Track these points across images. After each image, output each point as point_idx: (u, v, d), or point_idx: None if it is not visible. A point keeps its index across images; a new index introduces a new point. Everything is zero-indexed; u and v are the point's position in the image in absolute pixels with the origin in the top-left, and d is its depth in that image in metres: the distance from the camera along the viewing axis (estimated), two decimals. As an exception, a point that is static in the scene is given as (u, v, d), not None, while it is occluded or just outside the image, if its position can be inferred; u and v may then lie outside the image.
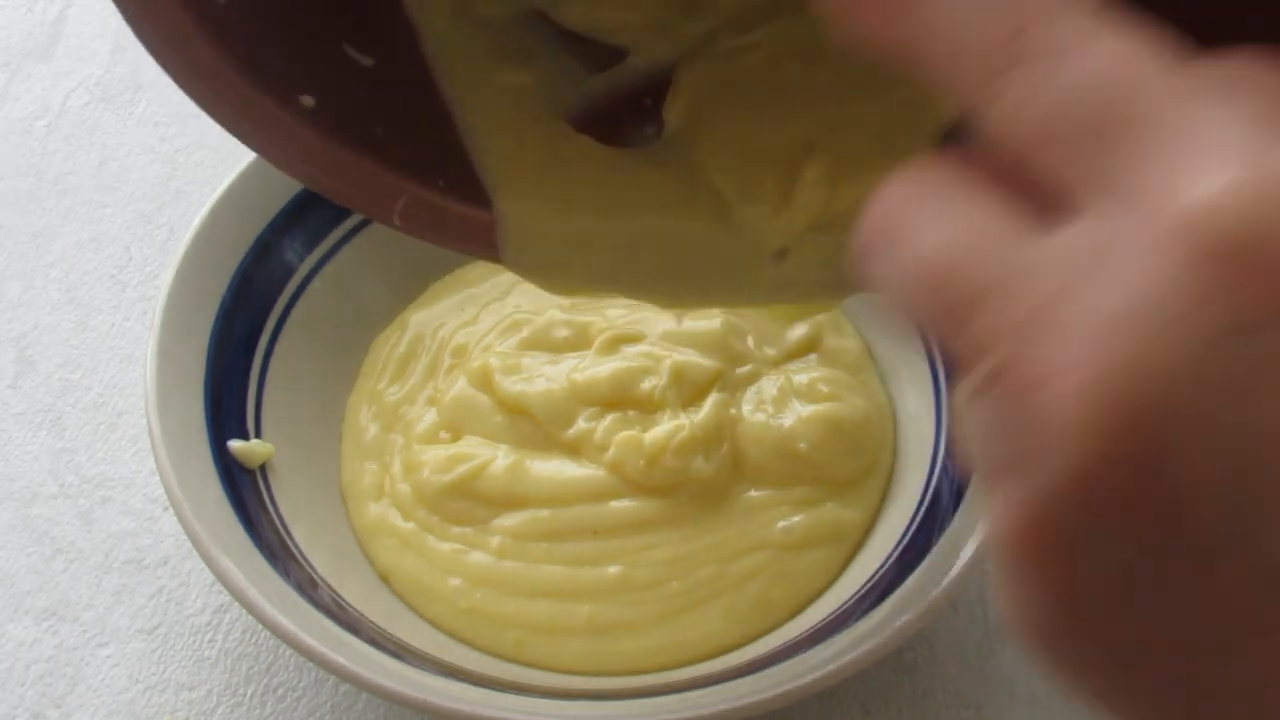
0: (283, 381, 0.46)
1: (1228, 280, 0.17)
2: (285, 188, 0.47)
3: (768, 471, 0.44)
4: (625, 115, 0.35)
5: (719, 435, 0.44)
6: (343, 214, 0.48)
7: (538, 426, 0.45)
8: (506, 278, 0.50)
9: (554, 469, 0.44)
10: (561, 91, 0.35)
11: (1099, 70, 0.19)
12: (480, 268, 0.50)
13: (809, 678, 0.37)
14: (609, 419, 0.44)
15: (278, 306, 0.47)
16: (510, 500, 0.44)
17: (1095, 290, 0.18)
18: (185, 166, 0.57)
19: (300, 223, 0.47)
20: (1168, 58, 0.20)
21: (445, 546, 0.43)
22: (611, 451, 0.44)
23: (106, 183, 0.57)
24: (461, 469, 0.44)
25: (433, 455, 0.45)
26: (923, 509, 0.42)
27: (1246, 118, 0.19)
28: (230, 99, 0.31)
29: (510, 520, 0.43)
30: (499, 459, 0.44)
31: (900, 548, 0.42)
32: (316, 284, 0.48)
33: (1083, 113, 0.19)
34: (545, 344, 0.47)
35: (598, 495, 0.43)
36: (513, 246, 0.34)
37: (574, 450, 0.45)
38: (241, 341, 0.45)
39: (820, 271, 0.33)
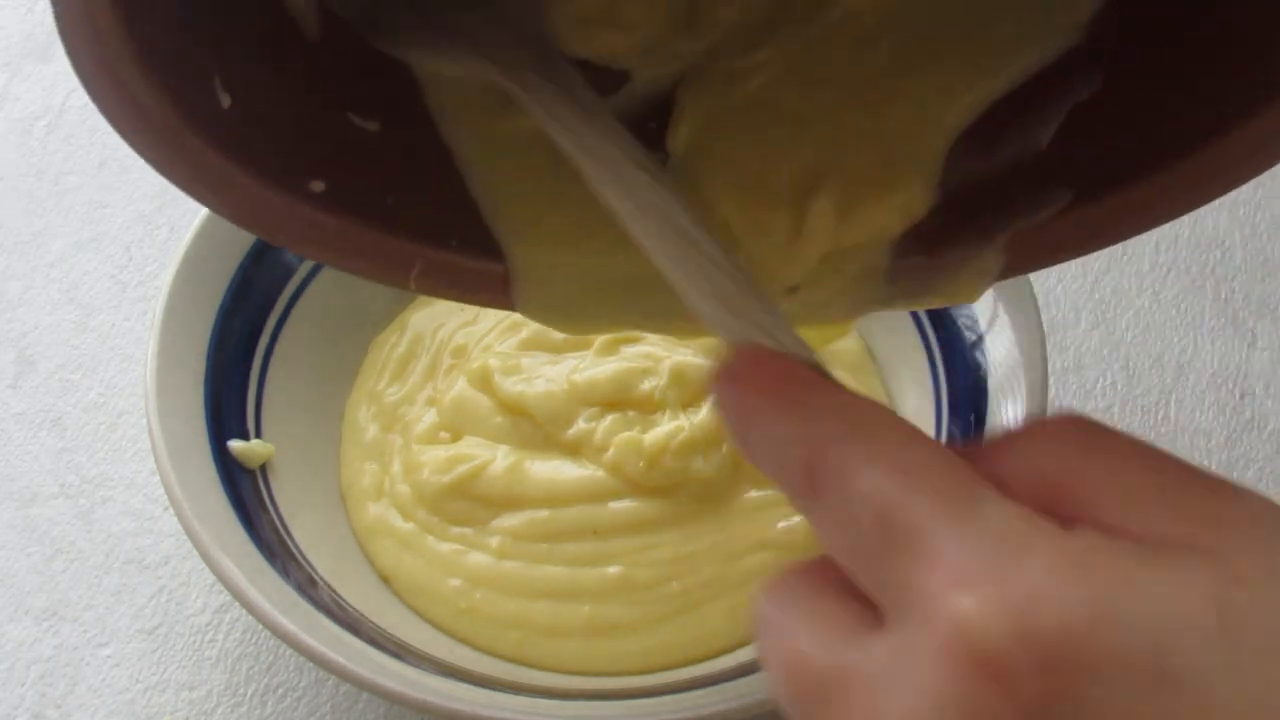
0: (283, 381, 0.46)
1: (983, 692, 0.21)
2: (285, 188, 0.47)
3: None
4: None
5: (718, 436, 0.44)
6: (343, 214, 0.48)
7: (537, 427, 0.45)
8: None
9: (553, 469, 0.44)
10: None
11: (870, 496, 0.23)
12: None
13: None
14: (609, 419, 0.44)
15: (278, 306, 0.46)
16: (510, 501, 0.44)
17: (898, 698, 0.22)
18: (185, 166, 0.57)
19: (300, 223, 0.47)
20: (943, 463, 0.23)
21: (445, 547, 0.43)
22: (611, 452, 0.44)
23: (106, 183, 0.57)
24: (461, 469, 0.44)
25: (432, 456, 0.45)
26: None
27: (995, 531, 0.22)
28: (238, 199, 0.32)
29: (510, 521, 0.43)
30: (499, 460, 0.44)
31: (900, 548, 0.42)
32: (316, 284, 0.47)
33: (860, 540, 0.23)
34: (545, 344, 0.47)
35: (597, 496, 0.43)
36: (526, 295, 0.34)
37: (574, 451, 0.45)
38: (241, 341, 0.45)
39: (831, 303, 0.33)
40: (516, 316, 0.48)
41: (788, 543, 0.43)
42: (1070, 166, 0.33)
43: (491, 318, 0.49)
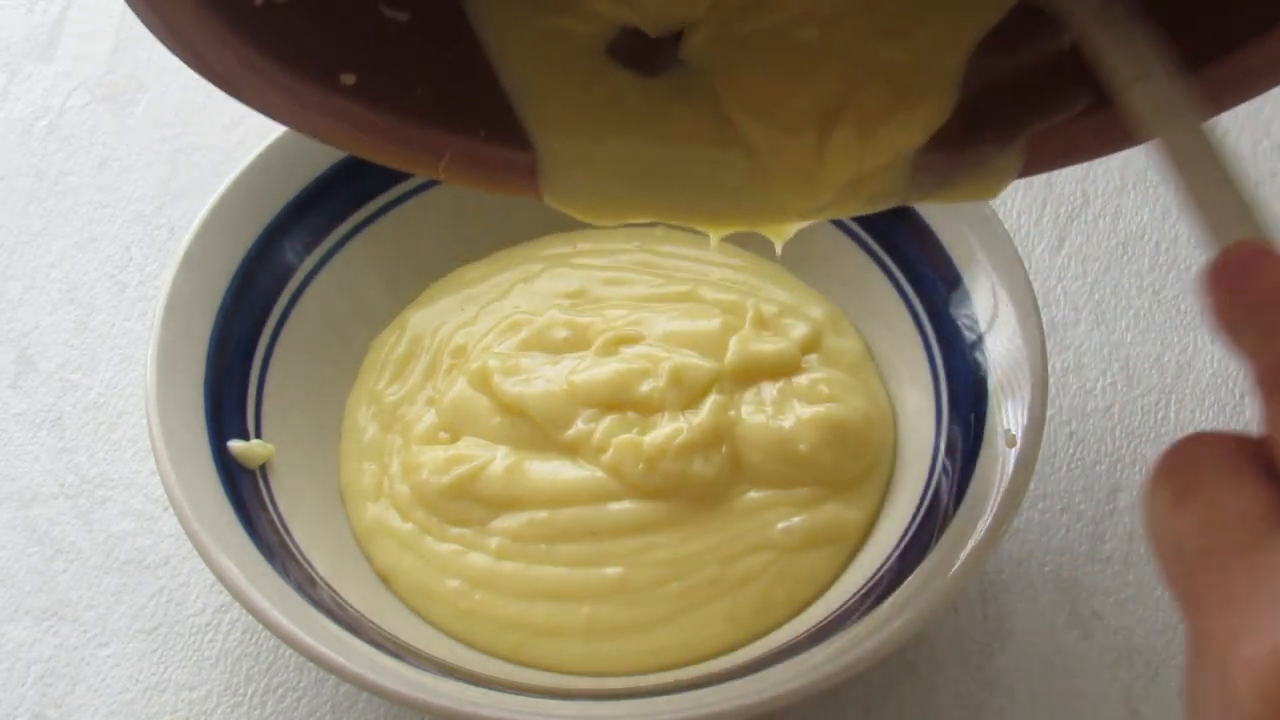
0: (283, 381, 0.46)
1: None
2: (285, 188, 0.47)
3: (768, 473, 0.44)
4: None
5: (717, 437, 0.44)
6: (343, 213, 0.48)
7: (536, 428, 0.45)
8: (506, 277, 0.50)
9: (552, 470, 0.44)
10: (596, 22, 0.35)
11: None
12: (479, 268, 0.50)
13: (809, 678, 0.37)
14: (607, 420, 0.44)
15: (278, 306, 0.46)
16: (508, 501, 0.44)
17: None
18: (185, 166, 0.57)
19: (300, 223, 0.47)
20: None
21: (444, 547, 0.43)
22: (610, 453, 0.43)
23: (106, 183, 0.57)
24: (460, 470, 0.44)
25: (431, 456, 0.45)
26: (923, 508, 0.42)
27: None
28: (273, 92, 0.32)
29: (509, 521, 0.43)
30: (497, 460, 0.44)
31: (900, 547, 0.42)
32: (316, 284, 0.47)
33: None
34: (544, 344, 0.47)
35: (596, 497, 0.43)
36: (553, 182, 0.36)
37: (572, 451, 0.44)
38: (241, 341, 0.45)
39: (856, 203, 0.35)
40: (516, 316, 0.48)
41: (787, 543, 0.43)
42: (1090, 69, 0.33)
43: (491, 318, 0.48)
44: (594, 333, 0.47)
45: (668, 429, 0.44)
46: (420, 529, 0.44)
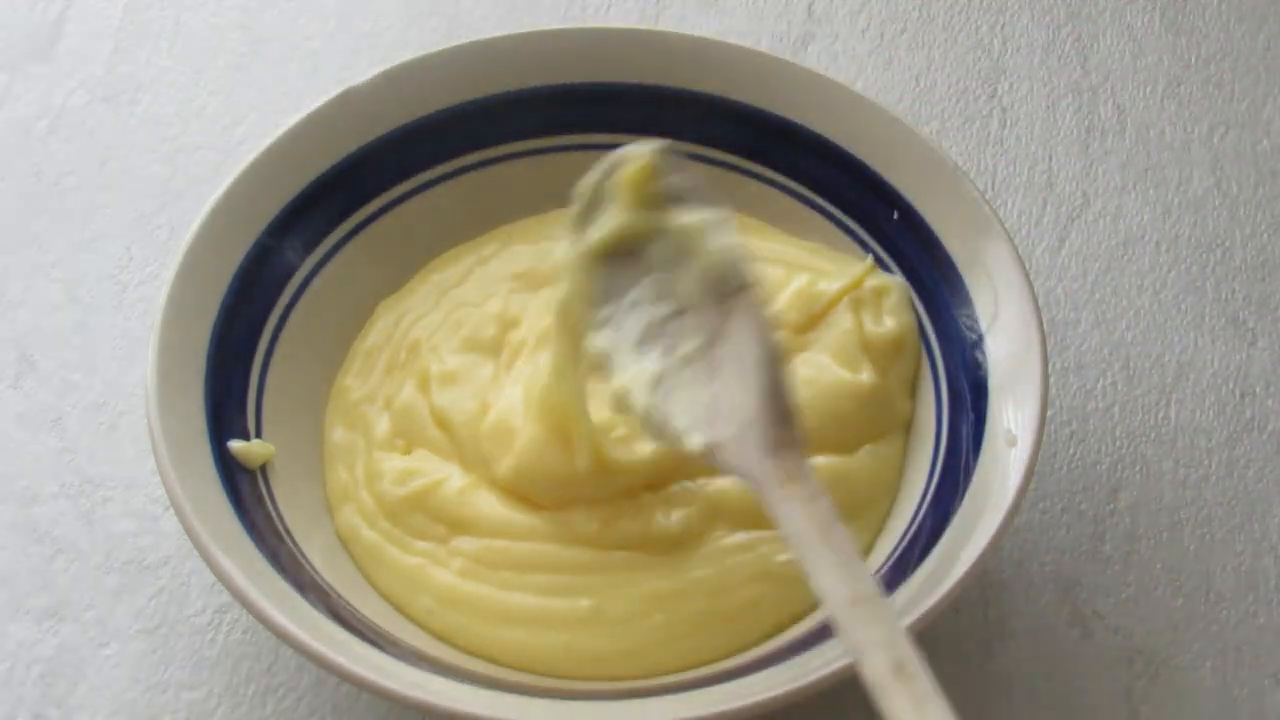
0: (283, 381, 0.46)
1: None
2: (285, 188, 0.47)
3: (754, 517, 0.41)
4: None
5: (683, 495, 0.42)
6: (342, 214, 0.48)
7: (469, 453, 0.43)
8: (469, 260, 0.48)
9: (503, 499, 0.42)
10: None
11: None
12: (457, 250, 0.49)
13: (809, 678, 0.37)
14: None
15: (278, 306, 0.46)
16: (465, 524, 0.42)
17: None
18: (185, 166, 0.57)
19: (300, 223, 0.47)
20: None
21: (411, 560, 0.42)
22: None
23: (106, 183, 0.57)
24: (416, 484, 0.43)
25: (390, 466, 0.43)
26: (923, 510, 0.42)
27: None
28: None
29: (468, 544, 0.42)
30: (452, 480, 0.43)
31: (901, 549, 0.42)
32: (316, 284, 0.47)
33: None
34: (479, 346, 0.45)
35: (550, 538, 0.41)
36: None
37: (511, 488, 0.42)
38: (241, 341, 0.45)
39: None
40: (460, 312, 0.46)
41: (787, 575, 0.40)
42: None
43: (445, 307, 0.47)
44: (514, 340, 0.45)
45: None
46: (385, 538, 0.42)
